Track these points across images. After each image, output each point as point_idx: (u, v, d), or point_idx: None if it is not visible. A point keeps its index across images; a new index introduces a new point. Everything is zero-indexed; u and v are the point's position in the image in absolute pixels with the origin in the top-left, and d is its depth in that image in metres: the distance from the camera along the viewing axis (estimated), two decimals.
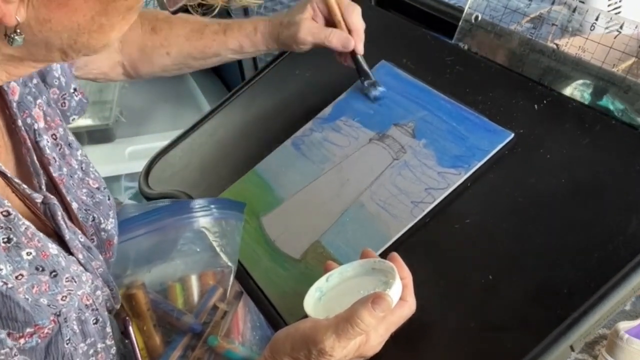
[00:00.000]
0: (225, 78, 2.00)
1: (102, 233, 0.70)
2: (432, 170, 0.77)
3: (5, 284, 0.53)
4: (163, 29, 0.93)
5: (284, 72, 1.04)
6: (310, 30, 0.89)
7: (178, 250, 0.77)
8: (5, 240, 0.55)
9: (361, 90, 0.90)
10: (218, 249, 0.78)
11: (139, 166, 1.05)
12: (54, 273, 0.58)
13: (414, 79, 0.88)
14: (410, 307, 0.64)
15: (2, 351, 0.52)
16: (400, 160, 0.80)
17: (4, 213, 0.55)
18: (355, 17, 0.89)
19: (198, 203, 0.79)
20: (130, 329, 0.71)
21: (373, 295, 0.59)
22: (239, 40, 0.93)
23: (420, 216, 0.73)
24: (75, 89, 0.78)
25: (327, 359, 0.59)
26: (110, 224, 0.71)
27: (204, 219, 0.78)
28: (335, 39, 0.88)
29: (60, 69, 0.74)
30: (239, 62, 1.69)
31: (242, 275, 0.79)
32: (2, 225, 0.55)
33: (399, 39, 0.96)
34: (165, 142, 1.07)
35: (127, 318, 0.71)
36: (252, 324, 0.75)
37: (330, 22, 0.90)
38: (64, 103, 0.76)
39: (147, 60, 0.94)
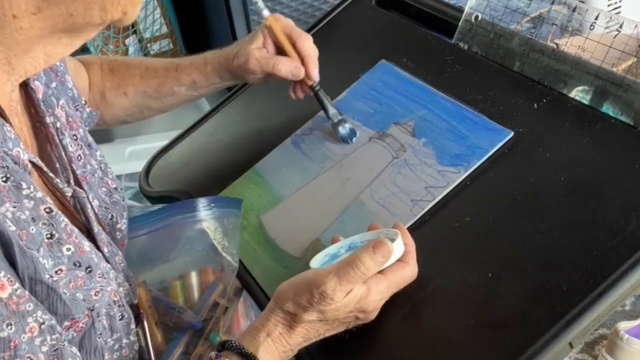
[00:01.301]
0: None
1: (117, 233, 0.72)
2: (431, 168, 0.77)
3: (51, 277, 0.55)
4: (120, 70, 0.93)
5: None
6: (258, 59, 0.85)
7: (179, 250, 0.78)
8: (49, 236, 0.56)
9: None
10: (219, 247, 0.78)
11: (139, 166, 1.05)
12: (89, 269, 0.59)
13: (414, 78, 0.88)
14: (411, 270, 0.66)
15: (54, 336, 0.54)
16: (400, 159, 0.80)
17: (47, 210, 0.56)
18: (307, 44, 0.85)
19: (201, 202, 0.79)
20: (146, 323, 0.70)
21: (374, 241, 0.61)
22: (190, 75, 0.90)
23: (420, 214, 0.73)
24: (85, 102, 0.80)
25: (329, 303, 0.60)
26: (123, 225, 0.73)
27: (206, 218, 0.79)
28: (283, 67, 0.84)
29: (71, 80, 0.76)
30: None
31: (243, 273, 0.79)
32: (45, 221, 0.56)
33: (399, 39, 0.96)
34: (165, 142, 1.07)
35: (142, 312, 0.71)
36: (256, 318, 0.75)
37: (283, 52, 0.86)
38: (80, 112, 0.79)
39: (108, 103, 0.93)
